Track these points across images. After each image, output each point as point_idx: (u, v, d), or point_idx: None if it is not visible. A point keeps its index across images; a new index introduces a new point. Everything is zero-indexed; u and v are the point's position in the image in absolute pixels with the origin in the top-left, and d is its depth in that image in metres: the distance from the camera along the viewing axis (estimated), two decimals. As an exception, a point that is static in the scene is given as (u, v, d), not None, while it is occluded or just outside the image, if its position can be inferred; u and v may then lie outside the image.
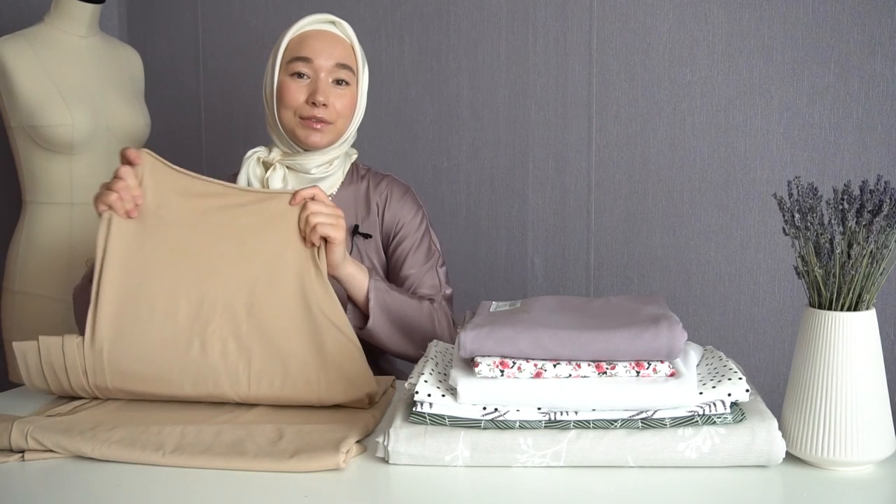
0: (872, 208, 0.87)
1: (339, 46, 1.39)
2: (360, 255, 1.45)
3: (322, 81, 1.37)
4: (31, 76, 1.78)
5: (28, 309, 1.84)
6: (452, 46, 2.05)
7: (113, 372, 1.11)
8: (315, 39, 1.38)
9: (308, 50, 1.38)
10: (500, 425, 0.91)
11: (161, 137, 2.35)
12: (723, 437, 0.88)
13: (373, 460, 0.94)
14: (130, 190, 1.16)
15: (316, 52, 1.37)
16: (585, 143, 1.94)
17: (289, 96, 1.38)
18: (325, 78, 1.38)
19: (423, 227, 1.50)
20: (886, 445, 0.88)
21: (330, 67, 1.38)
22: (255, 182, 1.42)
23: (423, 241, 1.49)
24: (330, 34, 1.40)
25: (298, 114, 1.38)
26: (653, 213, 1.90)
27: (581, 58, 1.93)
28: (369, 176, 1.51)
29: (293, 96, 1.38)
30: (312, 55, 1.37)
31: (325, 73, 1.37)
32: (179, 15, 2.39)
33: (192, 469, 0.92)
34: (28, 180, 1.85)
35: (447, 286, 1.49)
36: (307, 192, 1.18)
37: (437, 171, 2.10)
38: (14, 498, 0.87)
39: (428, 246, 1.49)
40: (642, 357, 0.90)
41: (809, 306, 0.90)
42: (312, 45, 1.38)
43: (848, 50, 1.70)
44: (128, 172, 1.16)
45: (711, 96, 1.82)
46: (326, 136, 1.39)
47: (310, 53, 1.37)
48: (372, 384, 1.10)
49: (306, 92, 1.38)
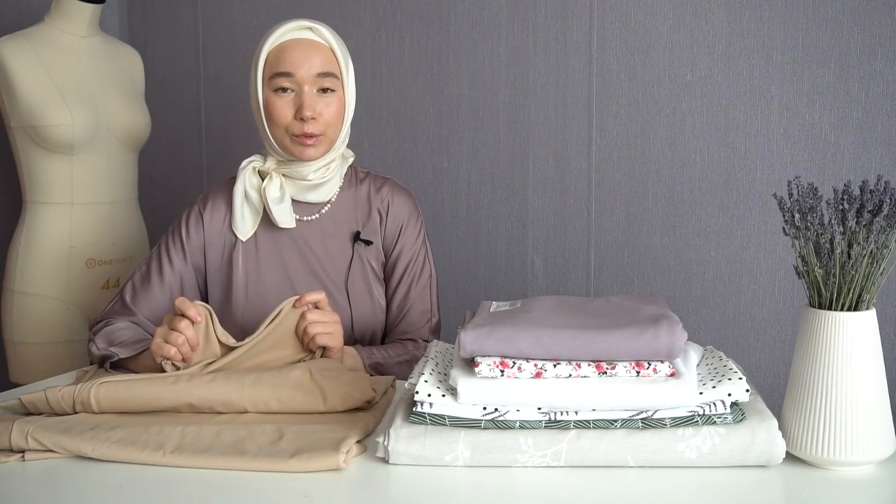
0: (872, 208, 0.87)
1: (319, 54, 1.37)
2: (361, 260, 1.45)
3: (307, 94, 1.35)
4: (31, 76, 1.78)
5: (28, 309, 1.84)
6: (452, 46, 2.05)
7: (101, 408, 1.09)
8: (293, 51, 1.36)
9: (288, 64, 1.35)
10: (501, 425, 0.91)
11: (161, 138, 2.35)
12: (723, 437, 0.88)
13: (373, 460, 0.94)
14: (189, 342, 1.19)
15: (296, 64, 1.35)
16: (585, 143, 1.94)
17: (276, 114, 1.37)
18: (308, 90, 1.36)
19: (423, 247, 1.50)
20: (886, 445, 0.88)
21: (312, 78, 1.36)
22: (251, 192, 1.42)
23: (422, 265, 1.50)
24: (307, 42, 1.36)
25: (289, 131, 1.37)
26: (653, 213, 1.90)
27: (581, 58, 1.93)
28: (369, 179, 1.50)
29: (280, 114, 1.37)
30: (293, 69, 1.35)
31: (308, 85, 1.36)
32: (179, 15, 2.39)
33: (192, 469, 0.92)
34: (28, 180, 1.84)
35: (436, 312, 1.50)
36: (312, 297, 1.23)
37: (437, 171, 2.10)
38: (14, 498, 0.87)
39: (422, 266, 1.50)
40: (642, 357, 0.90)
41: (809, 306, 0.90)
42: (291, 58, 1.35)
43: (848, 50, 1.70)
44: (187, 327, 1.18)
45: (711, 96, 1.82)
46: (320, 147, 1.38)
47: (290, 67, 1.35)
48: (369, 392, 1.10)
49: (293, 107, 1.36)
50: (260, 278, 1.43)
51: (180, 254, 1.44)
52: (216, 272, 1.45)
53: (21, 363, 1.86)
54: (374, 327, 1.46)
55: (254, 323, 1.42)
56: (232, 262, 1.43)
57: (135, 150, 1.97)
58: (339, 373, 1.14)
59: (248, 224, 1.42)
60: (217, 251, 1.45)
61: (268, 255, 1.43)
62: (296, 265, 1.43)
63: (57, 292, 1.84)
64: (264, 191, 1.39)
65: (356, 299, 1.44)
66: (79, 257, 1.86)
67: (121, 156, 1.92)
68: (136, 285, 1.44)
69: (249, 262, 1.43)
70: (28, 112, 1.77)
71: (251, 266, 1.43)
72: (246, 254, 1.43)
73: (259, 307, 1.43)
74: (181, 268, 1.44)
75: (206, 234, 1.44)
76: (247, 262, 1.43)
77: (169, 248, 1.44)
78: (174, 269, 1.43)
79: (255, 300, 1.43)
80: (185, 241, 1.44)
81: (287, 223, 1.40)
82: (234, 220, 1.42)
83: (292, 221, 1.41)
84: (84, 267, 1.87)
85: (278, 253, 1.43)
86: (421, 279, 1.48)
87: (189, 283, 1.45)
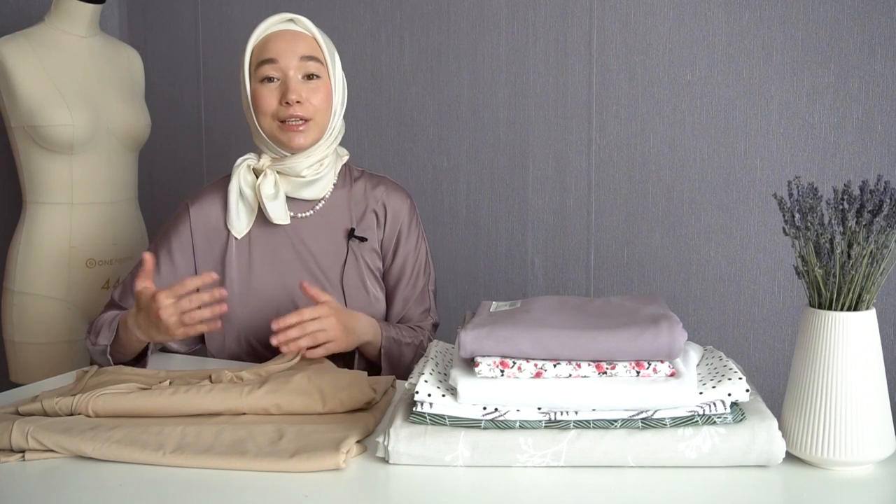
0: (872, 208, 0.87)
1: (301, 41, 1.39)
2: (356, 257, 1.45)
3: (292, 79, 1.37)
4: (31, 76, 1.78)
5: (28, 309, 1.84)
6: (452, 46, 2.05)
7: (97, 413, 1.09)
8: (276, 40, 1.39)
9: (271, 51, 1.38)
10: (501, 425, 0.91)
11: (161, 138, 2.35)
12: (723, 437, 0.88)
13: (373, 460, 0.94)
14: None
15: (279, 51, 1.38)
16: (585, 143, 1.94)
17: (263, 102, 1.39)
18: (294, 75, 1.38)
19: (423, 247, 1.51)
20: (886, 445, 0.88)
21: (296, 64, 1.38)
22: (246, 189, 1.42)
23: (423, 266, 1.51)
24: (290, 32, 1.40)
25: (276, 117, 1.38)
26: (653, 213, 1.90)
27: (581, 58, 1.93)
28: (364, 178, 1.50)
29: (267, 101, 1.38)
30: (276, 55, 1.38)
31: (293, 71, 1.38)
32: (179, 15, 2.39)
33: (192, 469, 0.92)
34: (28, 180, 1.84)
35: (434, 314, 1.52)
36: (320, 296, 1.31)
37: (437, 171, 2.10)
38: (14, 498, 0.87)
39: (423, 266, 1.51)
40: (642, 357, 0.90)
41: (809, 306, 0.90)
42: (275, 46, 1.38)
43: (848, 50, 1.70)
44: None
45: (711, 96, 1.82)
46: (309, 135, 1.39)
47: (273, 54, 1.38)
48: (369, 393, 1.10)
49: (278, 94, 1.38)
50: (254, 275, 1.43)
51: (168, 257, 1.44)
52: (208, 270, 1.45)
53: (21, 363, 1.86)
54: None
55: (247, 320, 1.43)
56: (226, 260, 1.43)
57: (135, 151, 1.97)
58: (337, 374, 1.14)
59: (243, 221, 1.43)
60: (209, 250, 1.45)
61: (262, 252, 1.44)
62: (290, 262, 1.44)
63: (57, 292, 1.84)
64: (259, 188, 1.40)
65: (351, 296, 1.44)
66: (79, 257, 1.86)
67: (121, 156, 1.92)
68: (127, 286, 1.46)
69: (243, 259, 1.44)
70: (28, 112, 1.77)
71: (244, 263, 1.44)
72: (240, 251, 1.44)
73: (253, 304, 1.43)
74: (168, 272, 1.44)
75: (193, 235, 1.45)
76: (241, 260, 1.44)
77: (158, 253, 1.45)
78: (160, 275, 1.44)
79: (250, 297, 1.43)
80: (173, 243, 1.45)
81: (281, 220, 1.40)
82: (230, 217, 1.43)
83: (286, 218, 1.41)
84: (84, 267, 1.87)
85: (273, 250, 1.44)
86: (420, 280, 1.50)
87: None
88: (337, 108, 1.42)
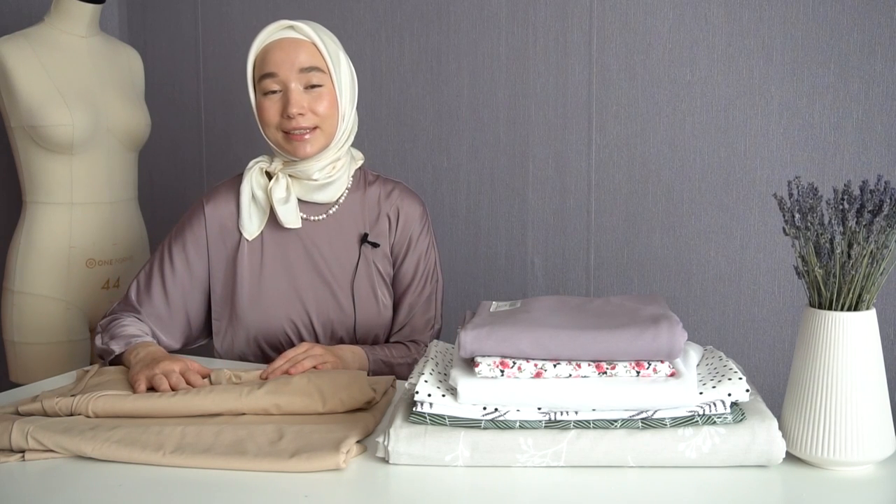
0: (872, 208, 0.87)
1: (301, 51, 1.37)
2: (367, 262, 1.45)
3: (292, 92, 1.36)
4: (31, 76, 1.78)
5: (28, 309, 1.84)
6: (452, 46, 2.05)
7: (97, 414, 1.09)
8: (276, 51, 1.37)
9: (271, 64, 1.36)
10: (501, 425, 0.91)
11: (161, 138, 2.35)
12: (723, 437, 0.88)
13: (373, 460, 0.94)
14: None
15: (278, 64, 1.36)
16: (585, 143, 1.94)
17: (266, 115, 1.38)
18: (294, 87, 1.36)
19: (433, 255, 1.51)
20: (886, 445, 0.88)
21: (296, 75, 1.36)
22: (258, 191, 1.42)
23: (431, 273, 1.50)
24: (288, 40, 1.37)
25: (280, 129, 1.38)
26: (653, 213, 1.90)
27: (581, 58, 1.93)
28: (379, 183, 1.50)
29: (270, 114, 1.38)
30: (276, 68, 1.36)
31: (293, 83, 1.36)
32: (179, 15, 2.39)
33: (192, 469, 0.92)
34: (28, 180, 1.84)
35: (439, 319, 1.52)
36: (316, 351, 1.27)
37: (437, 171, 2.10)
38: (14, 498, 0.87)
39: (431, 274, 1.50)
40: (642, 357, 0.90)
41: (809, 306, 0.90)
42: (274, 58, 1.36)
43: (848, 50, 1.70)
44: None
45: (711, 96, 1.82)
46: (315, 143, 1.38)
47: (273, 67, 1.36)
48: (369, 393, 1.10)
49: (281, 106, 1.37)
50: (264, 277, 1.43)
51: (182, 253, 1.44)
52: (220, 270, 1.45)
53: (21, 363, 1.86)
54: (377, 330, 1.46)
55: (256, 322, 1.43)
56: (237, 261, 1.43)
57: (135, 150, 1.97)
58: (336, 374, 1.14)
59: (254, 224, 1.43)
60: (222, 248, 1.45)
61: (273, 254, 1.44)
62: (301, 265, 1.43)
63: (57, 292, 1.84)
64: (271, 191, 1.40)
65: (361, 301, 1.44)
66: (79, 257, 1.86)
67: (121, 156, 1.92)
68: (141, 284, 1.45)
69: (254, 261, 1.44)
70: (28, 112, 1.77)
71: (256, 264, 1.43)
72: (252, 252, 1.44)
73: (263, 306, 1.43)
74: (183, 268, 1.44)
75: (208, 233, 1.45)
76: (252, 261, 1.44)
77: (172, 249, 1.45)
78: (175, 272, 1.44)
79: (260, 298, 1.43)
80: (188, 239, 1.45)
81: (293, 223, 1.40)
82: (241, 219, 1.43)
83: (298, 221, 1.41)
84: (84, 267, 1.87)
85: (284, 253, 1.44)
86: (428, 287, 1.49)
87: (193, 282, 1.45)
88: (345, 111, 1.41)
